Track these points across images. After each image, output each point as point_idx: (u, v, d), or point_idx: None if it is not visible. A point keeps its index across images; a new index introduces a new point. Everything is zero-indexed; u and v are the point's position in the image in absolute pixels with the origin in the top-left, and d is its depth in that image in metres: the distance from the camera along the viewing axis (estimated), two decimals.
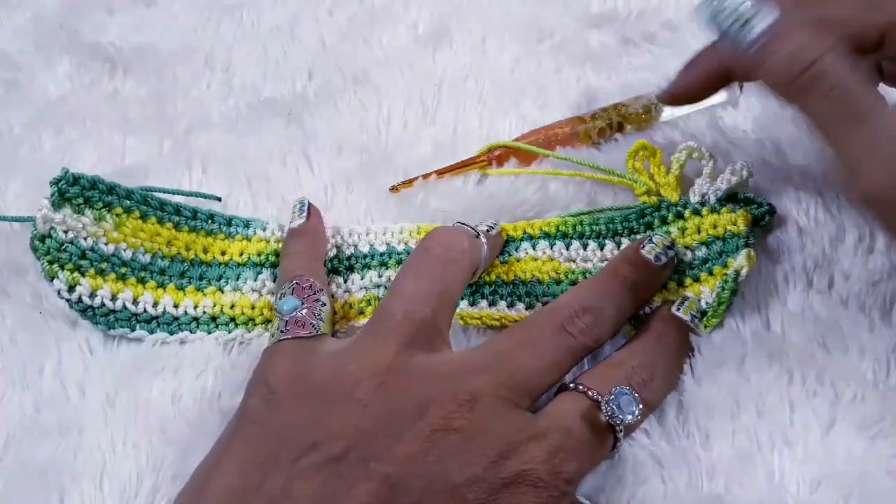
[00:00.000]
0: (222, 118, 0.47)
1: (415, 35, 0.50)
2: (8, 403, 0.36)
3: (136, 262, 0.38)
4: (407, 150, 0.45)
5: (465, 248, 0.33)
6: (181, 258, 0.39)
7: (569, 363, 0.32)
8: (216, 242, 0.40)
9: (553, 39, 0.50)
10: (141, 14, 0.52)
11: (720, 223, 0.37)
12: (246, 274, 0.39)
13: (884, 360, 0.35)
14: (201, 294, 0.39)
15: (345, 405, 0.28)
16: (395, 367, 0.29)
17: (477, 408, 0.28)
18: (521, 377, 0.30)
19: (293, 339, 0.32)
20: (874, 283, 0.37)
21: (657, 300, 0.37)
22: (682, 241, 0.37)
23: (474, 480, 0.27)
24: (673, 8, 0.50)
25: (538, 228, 0.40)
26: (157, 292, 0.38)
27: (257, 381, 0.31)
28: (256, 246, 0.40)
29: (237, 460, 0.28)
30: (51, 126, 0.47)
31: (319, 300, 0.34)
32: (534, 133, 0.44)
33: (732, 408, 0.34)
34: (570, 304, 0.33)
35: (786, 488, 0.32)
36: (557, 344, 0.32)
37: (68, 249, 0.37)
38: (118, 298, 0.37)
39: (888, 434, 0.33)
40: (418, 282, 0.31)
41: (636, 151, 0.39)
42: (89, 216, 0.37)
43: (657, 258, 0.35)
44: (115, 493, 0.33)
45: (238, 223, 0.41)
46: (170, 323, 0.38)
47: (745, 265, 0.35)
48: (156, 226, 0.39)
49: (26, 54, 0.50)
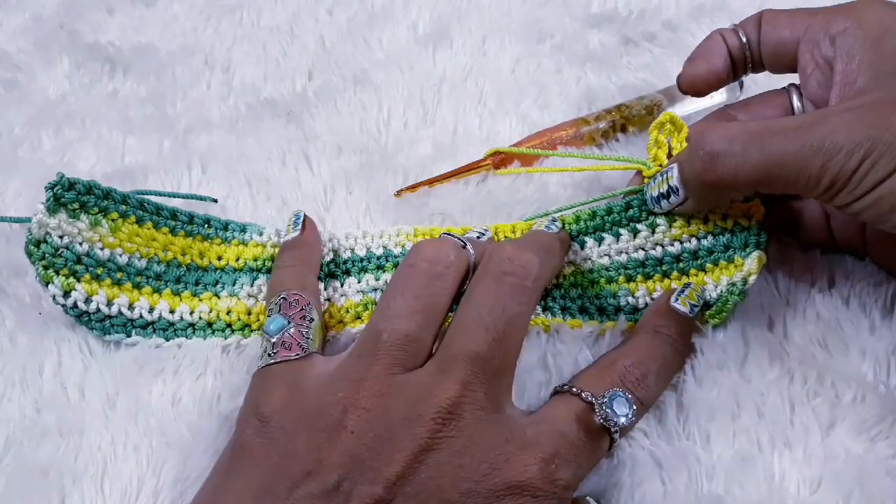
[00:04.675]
0: (222, 118, 0.47)
1: (415, 35, 0.50)
2: (8, 404, 0.36)
3: (132, 268, 0.38)
4: (407, 151, 0.45)
5: (451, 260, 0.32)
6: (177, 263, 0.39)
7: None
8: (212, 247, 0.40)
9: (553, 40, 0.50)
10: (140, 14, 0.52)
11: (731, 214, 0.36)
12: (242, 279, 0.39)
13: (884, 362, 0.35)
14: (197, 299, 0.39)
15: (336, 434, 0.28)
16: (381, 390, 0.29)
17: (461, 421, 0.28)
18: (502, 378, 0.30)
19: (282, 363, 0.32)
20: (875, 284, 0.37)
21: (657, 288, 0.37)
22: (686, 231, 0.37)
23: (469, 495, 0.27)
24: (673, 8, 0.50)
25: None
26: (153, 297, 0.38)
27: (250, 411, 0.31)
28: (253, 251, 0.40)
29: (235, 494, 0.29)
30: (50, 126, 0.47)
31: (307, 316, 0.34)
32: (538, 135, 0.44)
33: (733, 408, 0.34)
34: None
35: (786, 489, 0.32)
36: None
37: (64, 255, 0.36)
38: (114, 304, 0.37)
39: (888, 435, 0.33)
40: (404, 298, 0.31)
41: (662, 124, 0.37)
42: (85, 221, 0.37)
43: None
44: (116, 495, 0.33)
45: (234, 228, 0.41)
46: (166, 328, 0.38)
47: (754, 272, 0.34)
48: (151, 231, 0.38)
49: (26, 54, 0.50)
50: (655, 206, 0.37)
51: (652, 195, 0.36)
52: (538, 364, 0.35)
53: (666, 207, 0.36)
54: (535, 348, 0.36)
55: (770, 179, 0.30)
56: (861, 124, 0.29)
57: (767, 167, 0.30)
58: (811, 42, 0.35)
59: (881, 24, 0.33)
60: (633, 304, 0.38)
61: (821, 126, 0.29)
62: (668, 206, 0.35)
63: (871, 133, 0.28)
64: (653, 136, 0.37)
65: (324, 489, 0.27)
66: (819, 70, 0.35)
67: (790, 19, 0.37)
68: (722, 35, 0.39)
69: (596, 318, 0.38)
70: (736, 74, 0.39)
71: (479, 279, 0.32)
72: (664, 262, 0.37)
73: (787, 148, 0.30)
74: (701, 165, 0.32)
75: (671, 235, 0.37)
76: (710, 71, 0.39)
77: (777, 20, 0.37)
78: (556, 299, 0.38)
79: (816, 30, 0.35)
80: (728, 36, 0.39)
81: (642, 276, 0.38)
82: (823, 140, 0.29)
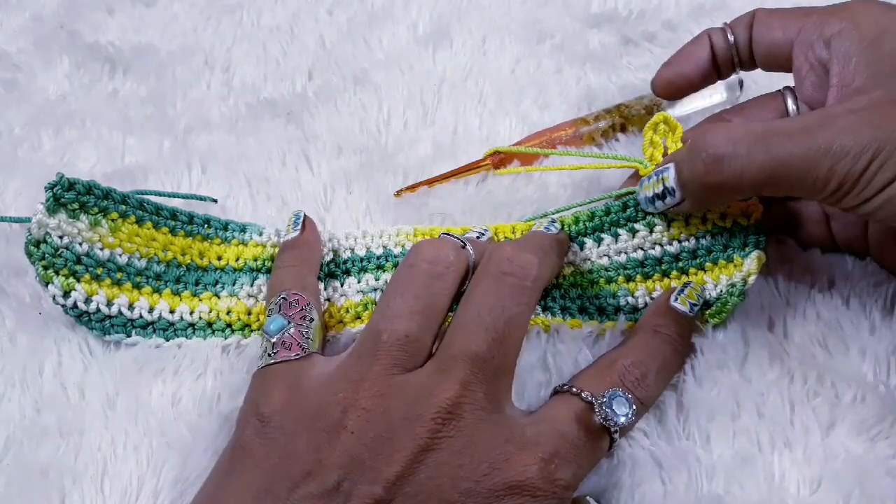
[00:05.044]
0: (222, 118, 0.47)
1: (415, 35, 0.50)
2: (8, 404, 0.36)
3: (132, 268, 0.38)
4: (407, 151, 0.45)
5: (451, 260, 0.32)
6: (177, 263, 0.39)
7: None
8: (212, 247, 0.40)
9: (553, 39, 0.50)
10: (140, 14, 0.52)
11: (729, 213, 0.36)
12: (242, 279, 0.39)
13: (884, 362, 0.35)
14: (197, 299, 0.39)
15: (336, 434, 0.28)
16: (381, 390, 0.29)
17: (460, 421, 0.28)
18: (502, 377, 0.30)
19: (282, 363, 0.32)
20: (875, 284, 0.37)
21: (656, 287, 0.37)
22: (685, 231, 0.37)
23: (469, 494, 0.27)
24: (673, 8, 0.50)
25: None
26: (153, 297, 0.38)
27: (250, 411, 0.31)
28: (253, 251, 0.40)
29: (235, 494, 0.29)
30: (50, 126, 0.46)
31: (307, 316, 0.34)
32: (537, 135, 0.44)
33: (733, 408, 0.34)
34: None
35: (786, 489, 0.32)
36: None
37: (63, 255, 0.36)
38: (114, 304, 0.37)
39: (888, 435, 0.33)
40: (403, 299, 0.31)
41: (656, 124, 0.37)
42: (85, 221, 0.37)
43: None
44: (115, 495, 0.33)
45: (234, 228, 0.41)
46: (165, 328, 0.38)
47: (753, 272, 0.34)
48: (151, 230, 0.38)
49: (26, 54, 0.50)
50: (649, 207, 0.36)
51: (646, 195, 0.36)
52: (538, 364, 0.35)
53: (661, 208, 0.36)
54: (535, 348, 0.36)
55: (775, 182, 0.30)
56: (867, 126, 0.29)
57: (773, 170, 0.30)
58: (805, 44, 0.35)
59: (878, 26, 0.33)
60: (632, 304, 0.38)
61: (827, 128, 0.29)
62: (663, 206, 0.35)
63: (878, 135, 0.28)
64: (647, 136, 0.37)
65: (324, 489, 0.27)
66: (814, 72, 0.35)
67: (782, 20, 0.36)
68: (709, 35, 0.39)
69: (596, 318, 0.38)
70: (720, 75, 0.39)
71: (479, 279, 0.32)
72: (663, 262, 0.37)
73: (794, 151, 0.29)
74: (703, 168, 0.32)
75: (669, 235, 0.37)
76: (680, 76, 0.39)
77: (769, 21, 0.37)
78: (556, 299, 0.38)
79: (810, 31, 0.35)
80: (715, 36, 0.39)
81: (641, 275, 0.38)
82: (831, 143, 0.29)
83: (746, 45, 0.38)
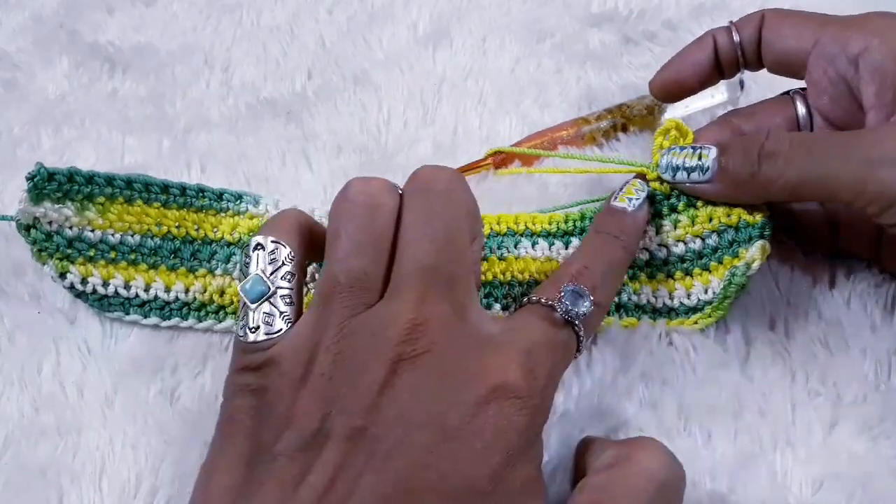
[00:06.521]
0: (222, 118, 0.47)
1: (415, 35, 0.50)
2: (6, 403, 0.36)
3: (125, 245, 0.38)
4: (407, 150, 0.45)
5: (385, 190, 0.32)
6: (171, 236, 0.39)
7: None
8: (207, 218, 0.40)
9: (553, 39, 0.50)
10: (140, 14, 0.52)
11: (734, 212, 0.35)
12: (236, 257, 0.39)
13: (885, 361, 0.35)
14: (192, 276, 0.38)
15: (310, 382, 0.28)
16: (346, 331, 0.29)
17: (429, 336, 0.28)
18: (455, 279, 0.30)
19: None
20: (876, 284, 0.37)
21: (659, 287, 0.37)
22: (691, 231, 0.36)
23: (454, 405, 0.27)
24: (673, 7, 0.50)
25: (540, 225, 0.39)
26: (149, 275, 0.38)
27: (228, 379, 0.31)
28: (248, 224, 0.40)
29: (226, 459, 0.29)
30: (50, 125, 0.46)
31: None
32: (538, 135, 0.44)
33: (735, 408, 0.34)
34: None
35: (788, 488, 0.32)
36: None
37: (54, 239, 0.37)
38: (109, 284, 0.37)
39: (890, 434, 0.33)
40: (348, 234, 0.31)
41: (667, 130, 0.37)
42: (71, 208, 0.37)
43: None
44: (114, 493, 0.33)
45: (229, 198, 0.40)
46: (161, 308, 0.38)
47: (757, 258, 0.34)
48: (143, 207, 0.38)
49: (25, 54, 0.50)
50: (667, 173, 0.36)
51: (673, 162, 0.35)
52: None
53: (679, 180, 0.35)
54: None
55: (815, 189, 0.31)
56: None
57: (816, 175, 0.30)
58: (824, 57, 0.35)
59: None
60: (634, 302, 0.37)
61: (877, 141, 0.30)
62: (684, 179, 0.35)
63: None
64: (657, 142, 0.37)
65: (305, 437, 0.27)
66: (833, 86, 0.35)
67: (795, 28, 0.36)
68: (714, 36, 0.38)
69: None
70: (723, 75, 0.39)
71: (407, 201, 0.32)
72: (669, 262, 0.37)
73: (840, 159, 0.30)
74: (756, 160, 0.32)
75: (675, 236, 0.37)
76: (676, 81, 0.39)
77: (780, 26, 0.36)
78: None
79: (829, 45, 0.34)
80: (720, 36, 0.38)
81: (646, 276, 0.38)
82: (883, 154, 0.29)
83: (753, 46, 0.37)
